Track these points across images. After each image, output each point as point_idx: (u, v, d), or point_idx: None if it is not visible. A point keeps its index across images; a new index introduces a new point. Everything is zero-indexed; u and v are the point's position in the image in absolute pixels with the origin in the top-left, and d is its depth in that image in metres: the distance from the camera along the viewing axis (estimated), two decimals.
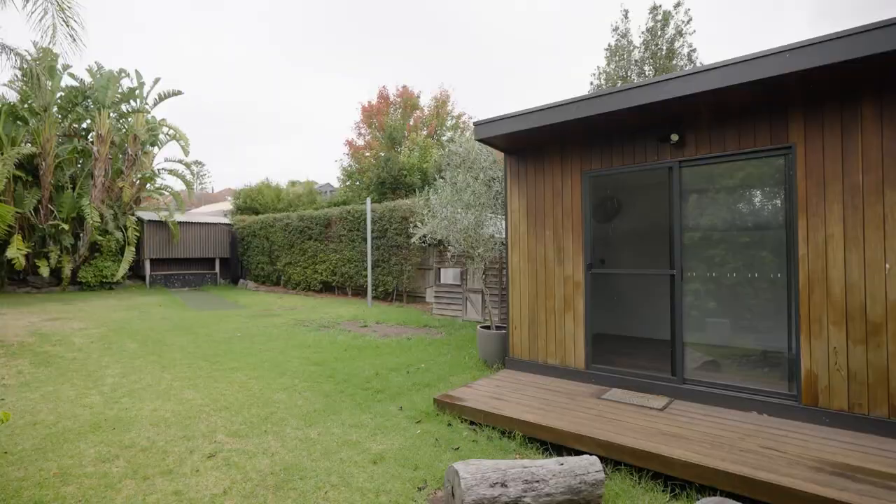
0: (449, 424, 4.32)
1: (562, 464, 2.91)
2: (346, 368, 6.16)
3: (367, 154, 21.10)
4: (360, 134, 22.30)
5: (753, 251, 5.16)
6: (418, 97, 22.03)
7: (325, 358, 6.71)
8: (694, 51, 18.35)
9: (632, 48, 19.11)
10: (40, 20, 5.22)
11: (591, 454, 3.41)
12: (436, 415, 4.53)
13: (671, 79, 3.98)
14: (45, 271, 13.96)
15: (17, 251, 13.10)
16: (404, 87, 21.57)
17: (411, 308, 12.13)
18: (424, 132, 20.99)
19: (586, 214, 5.11)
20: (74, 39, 5.54)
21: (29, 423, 4.28)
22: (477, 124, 5.35)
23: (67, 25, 5.51)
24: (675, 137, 4.49)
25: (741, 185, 5.09)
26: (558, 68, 79.43)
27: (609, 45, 19.54)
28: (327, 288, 15.45)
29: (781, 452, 3.23)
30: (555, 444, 3.81)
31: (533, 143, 5.45)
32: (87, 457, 3.63)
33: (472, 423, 4.35)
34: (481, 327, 6.37)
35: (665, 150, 4.61)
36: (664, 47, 18.43)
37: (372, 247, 13.13)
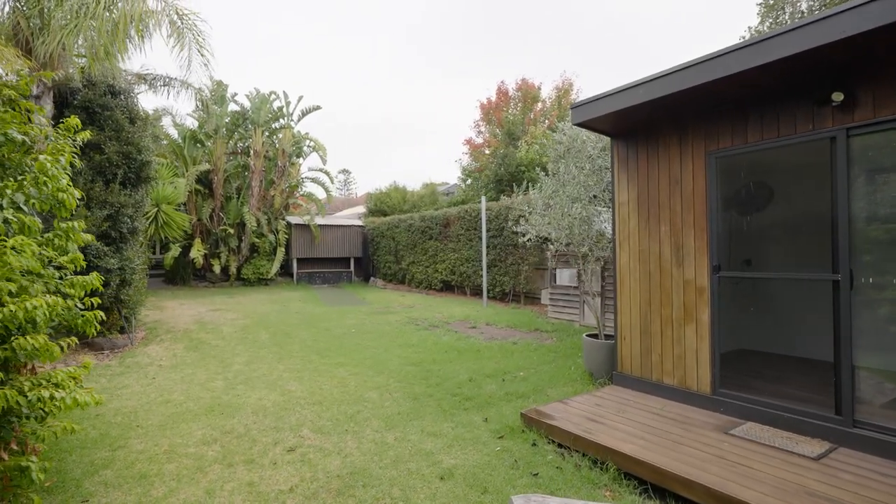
0: (533, 444, 3.85)
1: None
2: (441, 371, 6.01)
3: (487, 152, 20.96)
4: (479, 132, 22.29)
5: None
6: (539, 89, 21.18)
7: (424, 359, 6.66)
8: None
9: None
10: (179, 53, 6.11)
11: None
12: (521, 431, 4.09)
13: (829, 16, 2.99)
14: (217, 269, 16.58)
15: (197, 252, 15.77)
16: (523, 79, 20.91)
17: (526, 310, 11.61)
18: (546, 124, 20.13)
19: (712, 205, 4.17)
20: (207, 66, 6.39)
21: (164, 401, 4.92)
22: (574, 107, 4.75)
23: (202, 55, 6.37)
24: (838, 97, 3.39)
25: None
26: (704, 39, 70.31)
27: None
28: (447, 287, 15.67)
29: None
30: (656, 485, 3.12)
31: (643, 123, 4.65)
32: (194, 437, 4.00)
33: (560, 445, 3.82)
34: (587, 335, 5.69)
35: (824, 114, 3.52)
36: None
37: (487, 246, 12.92)
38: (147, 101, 41.15)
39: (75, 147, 3.65)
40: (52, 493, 3.07)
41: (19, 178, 2.91)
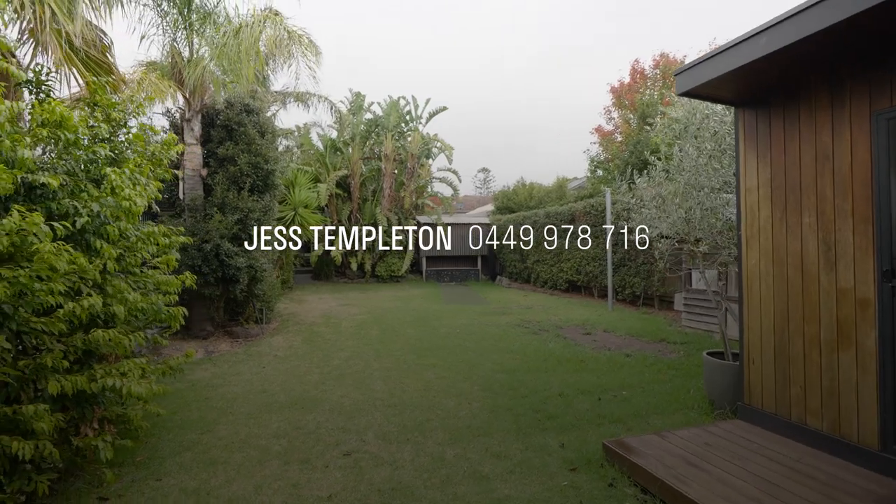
0: (611, 484, 3.19)
1: None
2: (532, 382, 5.49)
3: (619, 139, 19.07)
4: (609, 118, 20.38)
5: None
6: (682, 63, 18.54)
7: (518, 366, 6.18)
8: None
9: None
10: (289, 68, 6.72)
11: None
12: (600, 465, 3.44)
13: None
14: (353, 266, 18.08)
15: (336, 251, 17.37)
16: (662, 54, 18.42)
17: (658, 316, 10.22)
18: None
19: (880, 186, 2.98)
20: (314, 76, 6.90)
21: (262, 390, 5.34)
22: (678, 73, 3.85)
23: (309, 69, 6.89)
24: None
25: None
26: None
27: None
28: (573, 287, 14.72)
29: None
30: None
31: (776, 82, 3.56)
32: (269, 430, 4.21)
33: (645, 490, 3.10)
34: (708, 353, 4.63)
35: None
36: None
37: (615, 243, 11.71)
38: (299, 116, 47.96)
39: (172, 159, 4.09)
40: (139, 468, 3.46)
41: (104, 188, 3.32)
